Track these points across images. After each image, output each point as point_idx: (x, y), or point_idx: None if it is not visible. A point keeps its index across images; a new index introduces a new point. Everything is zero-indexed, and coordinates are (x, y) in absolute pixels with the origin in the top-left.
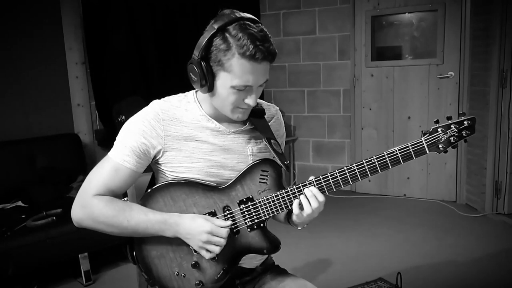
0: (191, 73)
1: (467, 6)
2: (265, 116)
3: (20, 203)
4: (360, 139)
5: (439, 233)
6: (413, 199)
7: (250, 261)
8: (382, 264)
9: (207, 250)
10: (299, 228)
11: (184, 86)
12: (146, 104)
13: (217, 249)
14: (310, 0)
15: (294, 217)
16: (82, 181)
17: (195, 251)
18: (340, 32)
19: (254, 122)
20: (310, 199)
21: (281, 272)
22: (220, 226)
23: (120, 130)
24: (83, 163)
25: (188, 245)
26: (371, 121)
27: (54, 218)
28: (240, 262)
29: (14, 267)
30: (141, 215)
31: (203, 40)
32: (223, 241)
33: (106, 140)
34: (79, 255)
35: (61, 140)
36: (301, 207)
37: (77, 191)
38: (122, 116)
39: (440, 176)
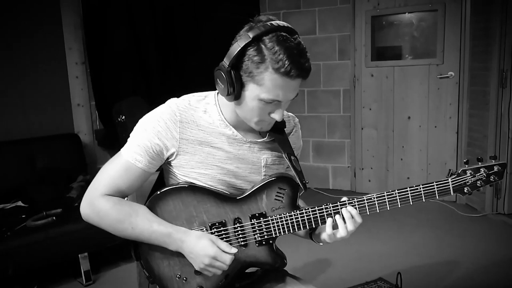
0: (218, 79)
1: (467, 6)
2: (285, 129)
3: (20, 203)
4: (360, 139)
5: (439, 233)
6: None
7: None
8: (382, 264)
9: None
10: (321, 244)
11: (184, 86)
12: (146, 104)
13: (218, 272)
14: (310, 0)
15: (324, 236)
16: (82, 181)
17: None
18: (340, 32)
19: (274, 136)
20: (348, 221)
21: (281, 275)
22: (225, 251)
23: (135, 127)
24: (83, 163)
25: None
26: (371, 121)
27: (54, 218)
28: None
29: (14, 267)
30: (146, 224)
31: (237, 48)
32: (225, 267)
33: (106, 140)
34: (79, 255)
35: (61, 140)
36: (335, 227)
37: (77, 191)
38: (122, 116)
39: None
